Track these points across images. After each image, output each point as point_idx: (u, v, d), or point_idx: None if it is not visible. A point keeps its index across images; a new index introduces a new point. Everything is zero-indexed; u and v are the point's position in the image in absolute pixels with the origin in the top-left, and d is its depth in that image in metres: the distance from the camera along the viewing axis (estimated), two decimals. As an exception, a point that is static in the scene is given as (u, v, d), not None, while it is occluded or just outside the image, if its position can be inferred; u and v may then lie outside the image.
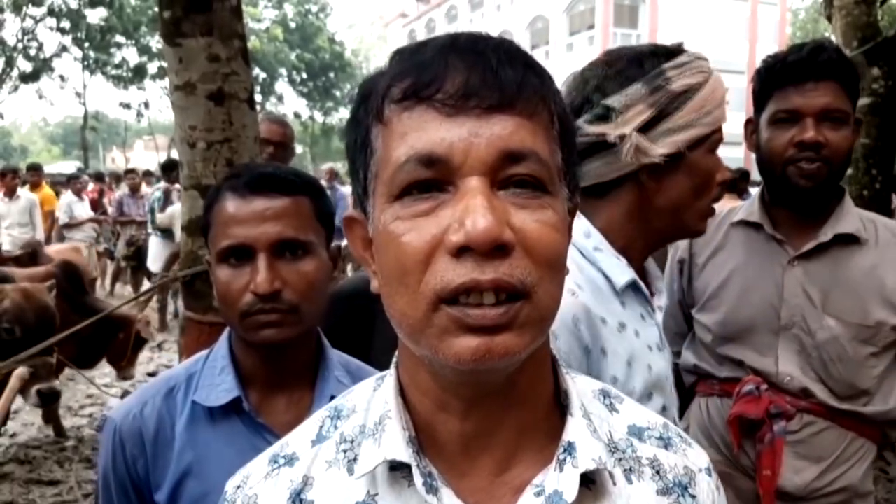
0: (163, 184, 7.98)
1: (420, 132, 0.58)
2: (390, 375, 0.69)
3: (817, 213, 1.59)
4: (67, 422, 5.30)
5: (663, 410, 1.19)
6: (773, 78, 1.57)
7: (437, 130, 0.58)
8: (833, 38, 4.85)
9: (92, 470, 4.44)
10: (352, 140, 0.65)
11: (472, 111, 0.58)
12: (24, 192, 8.32)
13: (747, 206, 1.71)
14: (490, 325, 0.56)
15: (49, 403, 3.43)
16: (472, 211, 0.55)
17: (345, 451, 0.68)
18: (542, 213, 0.58)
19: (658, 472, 0.68)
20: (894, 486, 4.05)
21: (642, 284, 1.22)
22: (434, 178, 0.58)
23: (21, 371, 2.83)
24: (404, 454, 0.62)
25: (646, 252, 1.25)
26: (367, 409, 0.69)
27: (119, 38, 27.90)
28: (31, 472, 4.40)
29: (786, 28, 32.07)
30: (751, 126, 1.66)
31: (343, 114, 39.80)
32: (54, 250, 6.50)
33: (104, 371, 6.68)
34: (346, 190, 9.63)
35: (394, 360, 0.70)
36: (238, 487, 0.71)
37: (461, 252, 0.55)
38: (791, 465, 1.53)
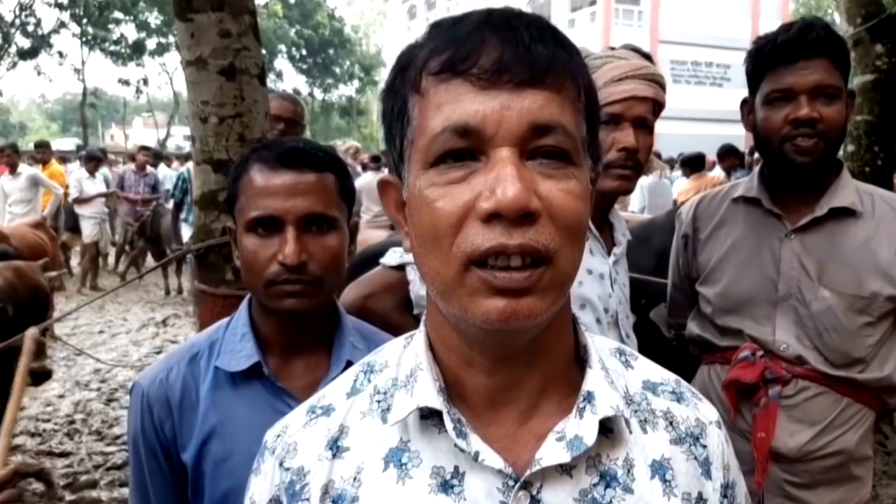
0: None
1: (455, 104, 0.62)
2: (420, 332, 0.74)
3: (815, 188, 1.62)
4: (76, 396, 5.37)
5: (597, 323, 1.48)
6: (764, 58, 1.60)
7: (471, 103, 0.61)
8: (837, 14, 4.84)
9: (102, 442, 4.51)
10: (388, 108, 0.69)
11: (504, 85, 0.61)
12: (24, 167, 8.32)
13: (747, 182, 1.75)
14: (515, 287, 0.60)
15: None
16: (502, 180, 0.59)
17: (378, 402, 0.73)
18: (567, 182, 0.62)
19: (671, 424, 0.73)
20: (892, 459, 4.11)
21: (591, 225, 1.48)
22: (467, 148, 0.62)
23: (32, 332, 2.80)
24: (436, 401, 0.66)
25: (597, 206, 1.49)
26: (398, 363, 0.74)
27: (117, 14, 27.56)
28: (42, 444, 4.46)
29: (789, 5, 31.75)
30: (747, 106, 1.70)
31: (343, 91, 39.55)
32: (11, 227, 6.41)
33: (110, 346, 6.76)
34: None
35: (423, 318, 0.74)
36: (278, 436, 0.76)
37: (491, 218, 0.59)
38: (786, 428, 1.59)
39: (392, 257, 1.64)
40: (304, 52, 36.06)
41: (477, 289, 0.61)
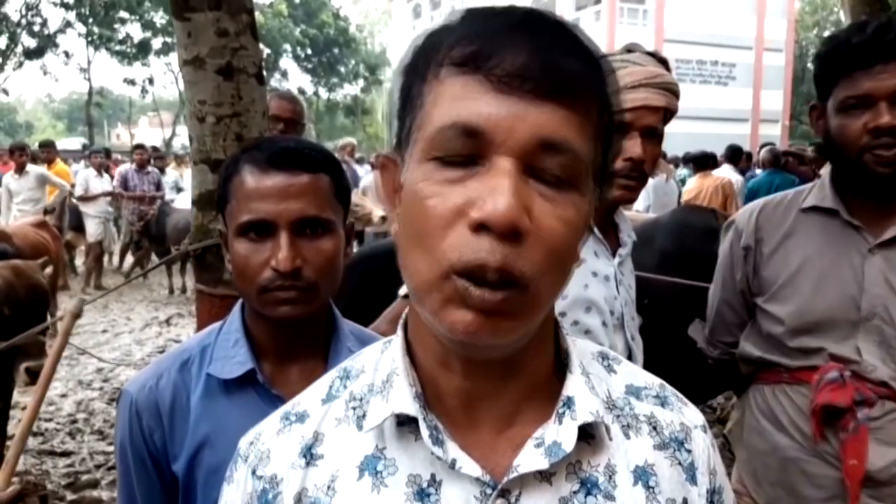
0: None
1: (469, 101, 0.59)
2: (397, 336, 0.72)
3: (894, 199, 1.52)
4: (78, 395, 5.36)
5: (603, 325, 1.48)
6: (837, 61, 1.49)
7: (485, 104, 0.59)
8: (842, 12, 4.80)
9: (104, 441, 4.50)
10: (403, 85, 0.66)
11: (524, 93, 0.58)
12: (31, 166, 8.34)
13: (817, 192, 1.62)
14: (487, 308, 0.58)
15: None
16: (497, 192, 0.57)
17: (354, 409, 0.71)
18: (564, 209, 0.60)
19: (655, 428, 0.71)
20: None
21: (595, 228, 1.52)
22: (471, 150, 0.59)
23: (74, 305, 2.76)
24: (411, 408, 0.65)
25: (600, 210, 1.50)
26: (375, 369, 0.73)
27: (123, 14, 27.65)
28: (44, 444, 4.46)
29: (795, 3, 31.61)
30: (816, 111, 1.59)
31: (348, 90, 39.54)
32: (14, 226, 6.40)
33: (114, 346, 6.76)
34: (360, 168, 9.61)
35: (401, 321, 0.73)
36: (251, 444, 0.75)
37: (479, 228, 0.57)
38: (874, 451, 1.49)
39: (402, 287, 1.64)
40: (308, 51, 36.09)
41: (451, 298, 0.59)
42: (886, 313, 1.50)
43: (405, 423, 0.66)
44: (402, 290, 1.63)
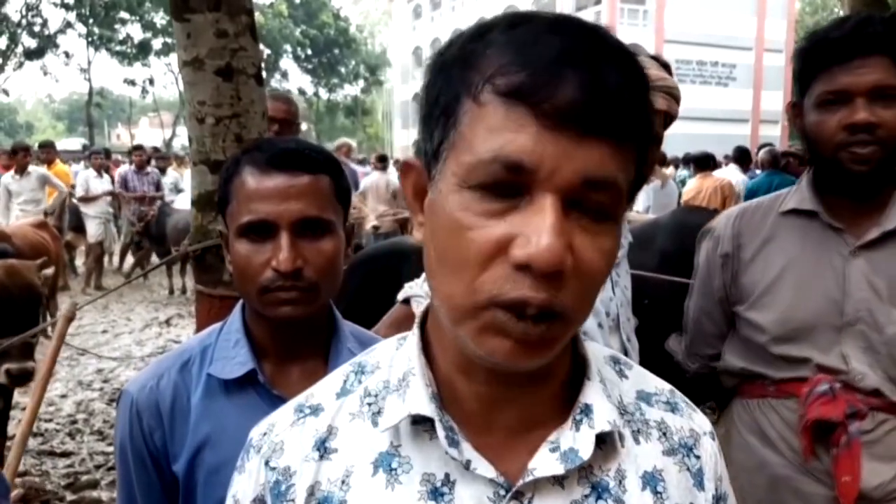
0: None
1: (514, 135, 0.57)
2: (413, 335, 0.72)
3: (872, 199, 1.47)
4: (78, 395, 5.37)
5: (599, 327, 1.47)
6: (816, 57, 1.45)
7: (529, 138, 0.57)
8: (842, 13, 4.80)
9: (104, 442, 4.50)
10: (435, 91, 0.63)
11: (572, 131, 0.57)
12: (33, 167, 8.35)
13: (796, 194, 1.57)
14: (527, 340, 0.59)
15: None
16: (541, 232, 0.56)
17: (369, 405, 0.71)
18: (603, 240, 0.60)
19: (665, 434, 0.72)
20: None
21: None
22: (513, 182, 0.58)
23: (67, 309, 2.77)
24: (427, 409, 0.65)
25: None
26: (390, 365, 0.73)
27: (123, 14, 27.70)
28: (44, 444, 4.46)
29: (795, 4, 31.61)
30: (795, 109, 1.55)
31: (348, 90, 39.56)
32: (14, 226, 6.39)
33: (114, 346, 6.76)
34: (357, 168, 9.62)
35: (417, 320, 0.73)
36: (264, 434, 0.74)
37: (522, 267, 0.57)
38: (867, 467, 1.43)
39: (401, 292, 1.64)
40: (309, 51, 36.14)
41: (488, 327, 0.59)
42: (871, 318, 1.46)
43: (420, 422, 0.67)
44: (401, 295, 1.62)
